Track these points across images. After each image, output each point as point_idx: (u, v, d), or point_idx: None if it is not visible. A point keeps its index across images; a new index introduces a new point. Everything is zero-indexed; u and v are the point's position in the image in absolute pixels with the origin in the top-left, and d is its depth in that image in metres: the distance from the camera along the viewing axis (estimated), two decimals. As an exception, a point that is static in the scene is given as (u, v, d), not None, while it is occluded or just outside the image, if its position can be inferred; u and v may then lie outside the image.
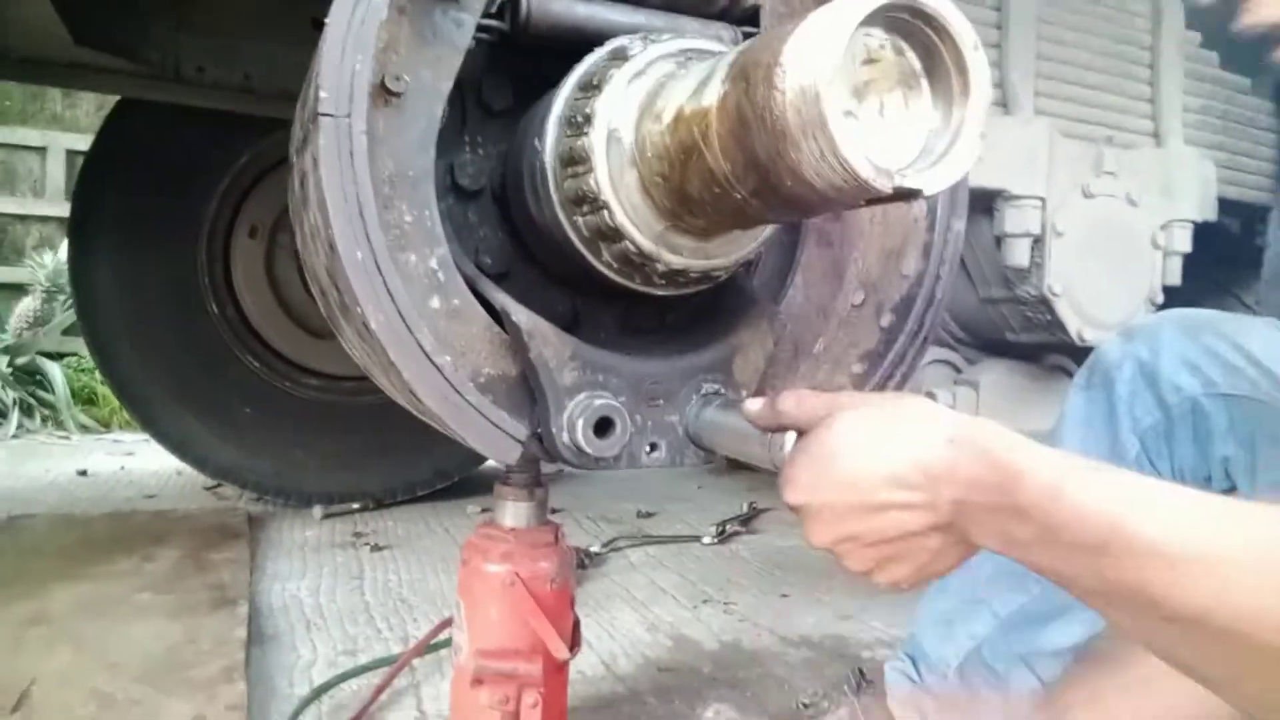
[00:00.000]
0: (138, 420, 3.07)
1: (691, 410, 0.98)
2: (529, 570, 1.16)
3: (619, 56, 0.89)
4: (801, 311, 1.12)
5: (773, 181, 0.69)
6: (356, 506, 3.11)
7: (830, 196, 0.67)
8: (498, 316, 0.94)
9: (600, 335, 1.04)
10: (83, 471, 3.80)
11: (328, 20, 0.78)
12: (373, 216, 0.79)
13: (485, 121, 1.07)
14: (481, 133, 1.07)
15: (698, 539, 2.88)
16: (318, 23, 2.86)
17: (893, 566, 0.77)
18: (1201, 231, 2.39)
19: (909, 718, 1.42)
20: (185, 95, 2.65)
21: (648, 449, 0.97)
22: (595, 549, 2.65)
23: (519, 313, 0.92)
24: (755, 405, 0.86)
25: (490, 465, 3.13)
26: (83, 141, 5.99)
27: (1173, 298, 2.35)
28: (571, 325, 1.06)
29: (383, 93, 0.85)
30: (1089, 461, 0.70)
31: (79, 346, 5.22)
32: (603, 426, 0.91)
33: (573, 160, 0.87)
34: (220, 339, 3.03)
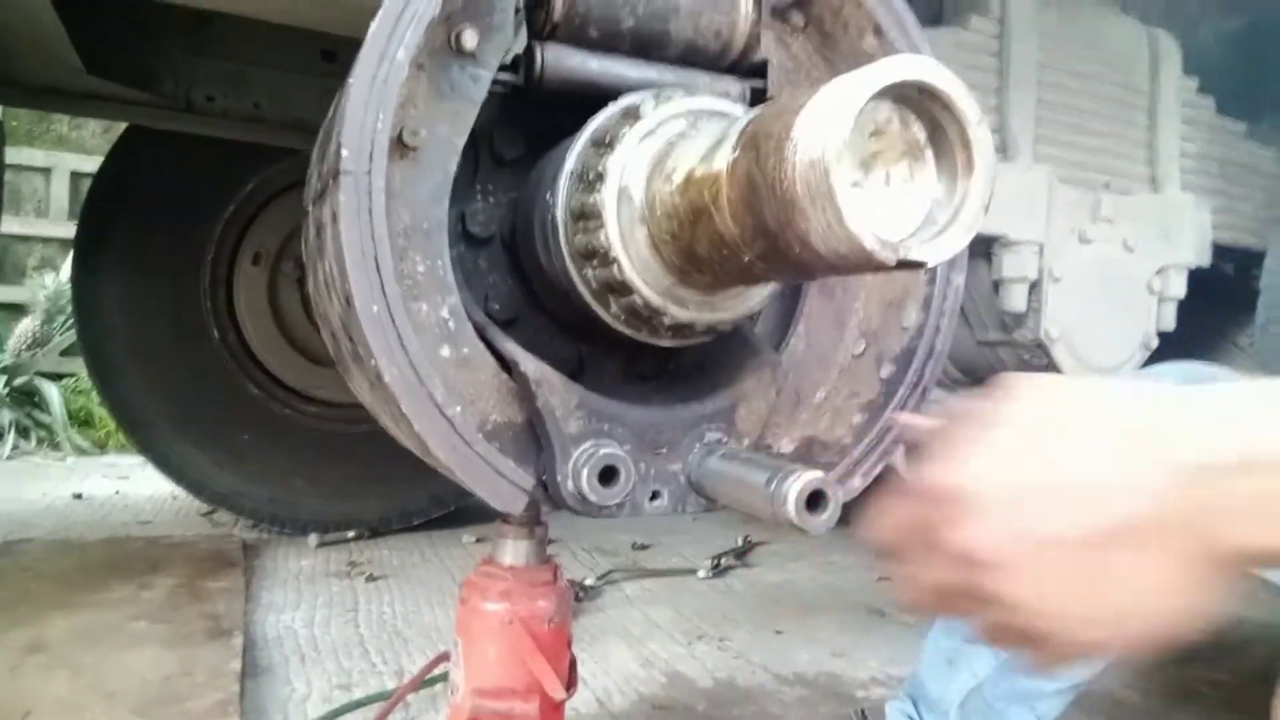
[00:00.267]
0: (136, 444, 3.08)
1: (694, 459, 0.99)
2: (527, 609, 1.16)
3: (631, 114, 0.91)
4: (803, 361, 1.13)
5: (780, 247, 0.71)
6: (352, 535, 3.11)
7: (835, 264, 0.69)
8: (505, 364, 0.96)
9: (605, 382, 1.06)
10: (78, 495, 3.80)
11: (350, 79, 0.80)
12: (389, 270, 0.80)
13: (497, 170, 1.09)
14: (493, 181, 1.09)
15: (693, 572, 2.88)
16: (328, 54, 2.86)
17: (1103, 592, 0.57)
18: (1197, 276, 2.41)
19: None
20: (195, 124, 2.69)
21: (650, 497, 0.98)
22: (590, 582, 2.65)
23: (527, 362, 0.93)
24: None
25: (487, 495, 3.12)
26: (88, 163, 6.03)
27: (1167, 342, 2.37)
28: (577, 372, 1.07)
29: (400, 147, 0.87)
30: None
31: (77, 368, 5.23)
32: (607, 475, 0.91)
33: (584, 215, 0.89)
34: (221, 365, 3.05)
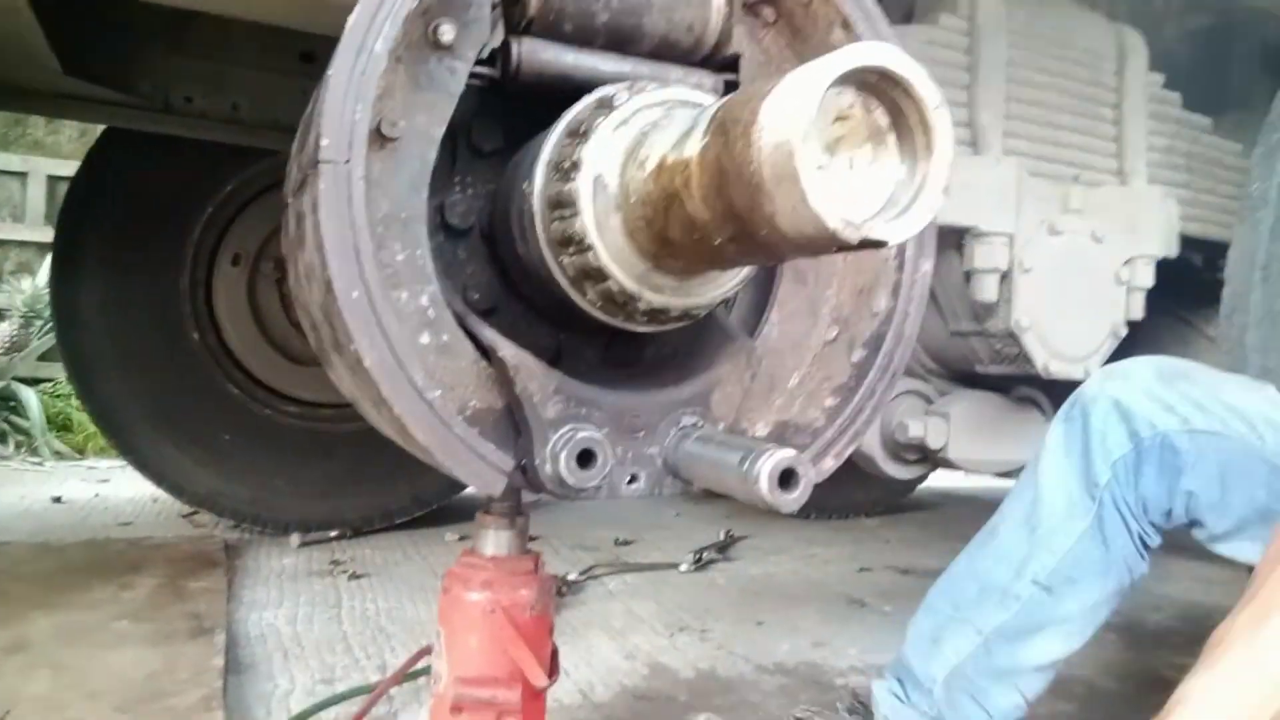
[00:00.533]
0: (116, 447, 3.07)
1: (671, 442, 1.02)
2: (509, 598, 1.18)
3: (605, 105, 0.93)
4: (777, 346, 1.15)
5: (749, 229, 0.73)
6: (334, 534, 3.11)
7: (802, 244, 0.71)
8: (485, 351, 0.97)
9: (583, 369, 1.08)
10: (58, 498, 3.78)
11: (330, 71, 0.82)
12: (369, 257, 0.82)
13: (475, 162, 1.11)
14: (471, 173, 1.10)
15: (675, 567, 2.91)
16: (307, 55, 2.87)
17: None
18: (1164, 267, 2.46)
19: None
20: (173, 126, 2.68)
21: (628, 480, 1.00)
22: (573, 577, 2.67)
23: (505, 348, 0.95)
24: None
25: (468, 492, 3.14)
26: (64, 167, 6.00)
27: (1136, 332, 2.41)
28: (555, 359, 1.09)
29: (378, 137, 0.89)
30: None
31: (55, 372, 5.20)
32: (585, 458, 0.93)
33: (560, 203, 0.91)
34: (201, 366, 3.04)
